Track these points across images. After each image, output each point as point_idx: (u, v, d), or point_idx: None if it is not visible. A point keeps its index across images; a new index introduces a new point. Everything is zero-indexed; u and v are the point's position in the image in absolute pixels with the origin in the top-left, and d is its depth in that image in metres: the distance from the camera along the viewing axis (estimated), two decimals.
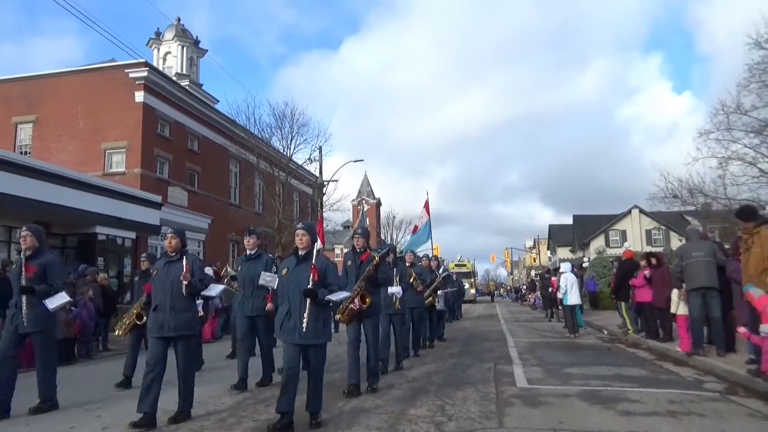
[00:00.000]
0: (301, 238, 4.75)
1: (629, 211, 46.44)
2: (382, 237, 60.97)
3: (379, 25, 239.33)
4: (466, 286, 34.41)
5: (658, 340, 9.82)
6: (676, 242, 35.47)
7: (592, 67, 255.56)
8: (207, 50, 38.56)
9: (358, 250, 6.39)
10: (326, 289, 4.62)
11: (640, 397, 5.62)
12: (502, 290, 72.41)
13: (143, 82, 23.83)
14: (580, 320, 15.08)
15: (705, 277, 7.82)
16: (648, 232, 45.84)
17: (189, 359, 5.00)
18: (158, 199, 22.57)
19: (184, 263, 4.97)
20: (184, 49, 36.82)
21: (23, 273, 5.41)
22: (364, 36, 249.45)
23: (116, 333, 6.64)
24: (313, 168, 29.13)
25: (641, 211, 44.21)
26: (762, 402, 5.26)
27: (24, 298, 5.35)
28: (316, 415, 4.59)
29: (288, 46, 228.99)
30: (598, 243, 43.43)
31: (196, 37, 37.91)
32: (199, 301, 7.97)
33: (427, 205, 15.51)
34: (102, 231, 19.82)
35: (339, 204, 32.32)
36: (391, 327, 7.63)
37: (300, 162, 29.83)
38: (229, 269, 9.38)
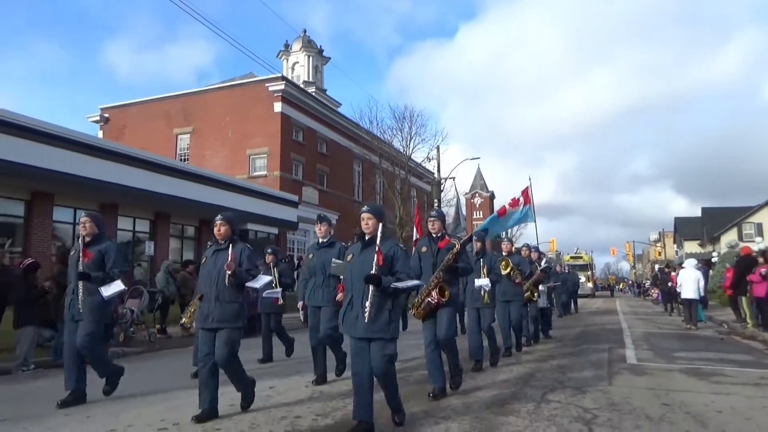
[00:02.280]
0: (366, 222, 4.28)
1: (766, 203, 43.13)
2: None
3: (497, 7, 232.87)
4: (582, 279, 33.17)
5: None
6: None
7: (733, 41, 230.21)
8: (330, 58, 41.64)
9: (434, 236, 5.65)
10: (393, 277, 4.11)
11: (736, 374, 6.58)
12: (622, 285, 69.64)
13: (281, 94, 26.88)
14: (701, 315, 15.36)
15: None
16: None
17: (227, 352, 4.59)
18: (295, 198, 25.40)
19: (230, 252, 4.73)
20: (310, 58, 40.07)
21: (81, 259, 5.32)
22: (480, 21, 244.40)
23: (182, 321, 6.48)
24: (431, 166, 30.73)
25: None
26: None
27: (81, 284, 5.26)
28: (397, 408, 4.20)
29: (403, 36, 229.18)
30: (729, 237, 40.89)
31: (320, 47, 41.04)
32: (278, 289, 7.92)
33: (526, 192, 14.34)
34: (252, 227, 22.88)
35: (454, 200, 33.82)
36: (479, 322, 7.06)
37: (419, 160, 31.60)
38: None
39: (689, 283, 13.68)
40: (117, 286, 5.38)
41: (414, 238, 8.78)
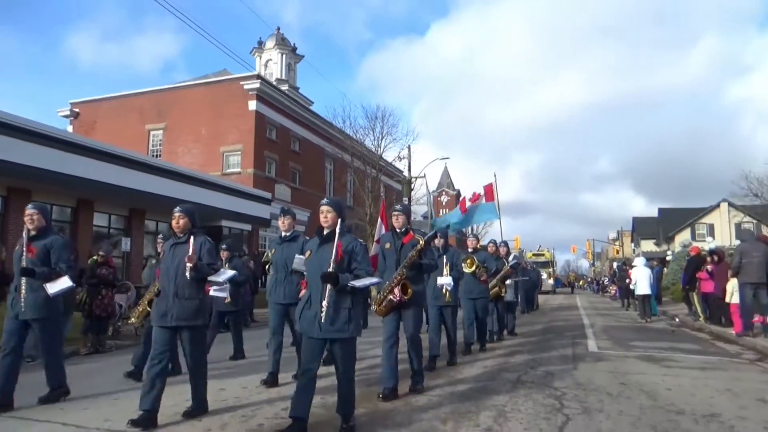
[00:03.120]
0: (325, 216, 4.10)
1: (718, 205, 45.47)
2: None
3: (469, 5, 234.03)
4: (544, 276, 33.60)
5: (720, 325, 11.31)
6: None
7: (699, 46, 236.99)
8: (303, 56, 41.84)
9: (398, 231, 5.48)
10: (351, 274, 3.98)
11: (684, 359, 7.46)
12: (582, 282, 71.88)
13: (255, 92, 27.11)
14: (655, 309, 16.51)
15: (758, 275, 9.37)
16: (737, 226, 44.66)
17: (198, 351, 4.46)
18: (268, 195, 25.78)
19: (190, 245, 4.44)
20: (284, 56, 40.20)
21: (24, 254, 4.99)
22: (452, 19, 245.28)
23: (130, 320, 6.17)
24: (402, 165, 31.43)
25: (730, 204, 43.22)
26: None
27: (24, 280, 4.92)
28: (347, 419, 4.00)
29: (375, 32, 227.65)
30: (683, 236, 42.96)
31: (294, 45, 41.21)
32: (226, 285, 7.07)
33: (490, 187, 13.97)
34: (226, 224, 23.15)
35: (423, 198, 34.65)
36: (442, 320, 6.90)
37: (390, 159, 32.26)
38: (270, 254, 8.60)
39: (642, 279, 14.76)
40: (64, 283, 5.00)
41: (376, 237, 8.43)
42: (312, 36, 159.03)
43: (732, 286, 9.89)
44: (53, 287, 4.93)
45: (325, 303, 3.85)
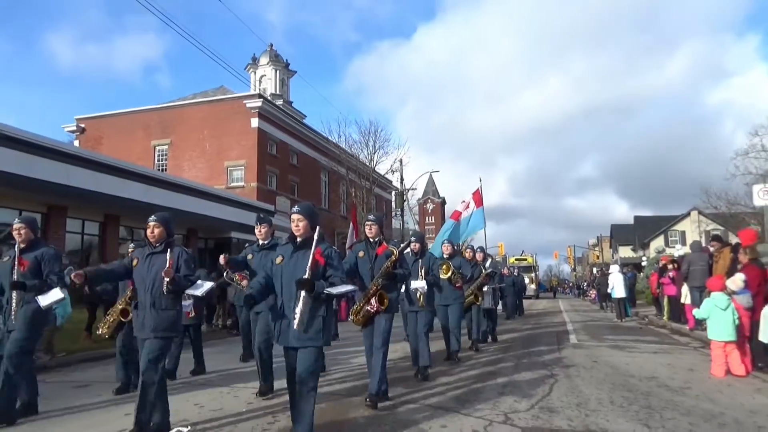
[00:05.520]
0: (297, 224, 4.02)
1: (688, 213, 48.12)
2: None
3: (455, 10, 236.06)
4: (527, 281, 33.06)
5: (679, 323, 13.35)
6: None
7: (681, 50, 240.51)
8: (296, 71, 43.78)
9: (371, 240, 5.56)
10: (326, 282, 3.91)
11: (643, 347, 9.45)
12: (565, 286, 74.40)
13: (257, 110, 28.90)
14: (629, 311, 18.58)
15: (701, 280, 11.39)
16: (707, 233, 47.30)
17: (152, 364, 4.22)
18: (271, 207, 27.46)
19: (168, 256, 4.37)
20: (277, 71, 42.11)
21: (16, 267, 4.96)
22: (438, 22, 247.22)
23: (99, 331, 5.94)
24: (394, 178, 33.35)
25: (700, 212, 45.83)
26: None
27: (14, 294, 4.90)
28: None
29: (361, 34, 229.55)
30: (657, 243, 45.50)
31: (287, 61, 43.10)
32: (188, 301, 6.76)
33: (477, 193, 13.84)
34: (235, 235, 24.80)
35: (415, 209, 36.68)
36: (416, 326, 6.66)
37: (382, 172, 34.19)
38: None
39: (618, 284, 16.83)
40: (55, 295, 4.97)
41: (348, 244, 8.48)
42: (297, 36, 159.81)
43: (685, 289, 11.91)
44: (45, 299, 4.93)
45: (298, 310, 3.72)
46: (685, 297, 11.94)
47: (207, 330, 12.41)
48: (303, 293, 3.73)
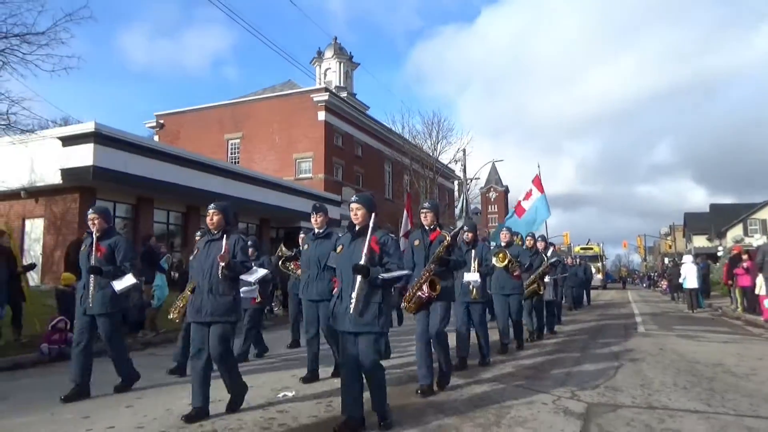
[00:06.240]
0: (355, 213, 4.18)
1: None
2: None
3: None
4: (593, 271, 30.54)
5: (754, 314, 13.06)
6: None
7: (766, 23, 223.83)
8: (359, 63, 44.48)
9: (426, 228, 5.54)
10: (382, 268, 4.01)
11: (713, 337, 9.45)
12: (634, 276, 72.02)
13: (324, 104, 29.80)
14: (701, 302, 18.15)
15: None
16: None
17: (221, 347, 4.40)
18: (338, 198, 28.36)
19: (223, 243, 4.49)
20: (341, 64, 42.97)
21: (93, 253, 5.32)
22: (502, 4, 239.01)
23: (170, 315, 6.02)
24: (457, 168, 33.54)
25: None
26: None
27: (92, 278, 5.24)
28: (383, 416, 3.99)
29: (424, 19, 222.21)
30: (736, 232, 43.38)
31: (350, 53, 43.86)
32: (254, 286, 6.57)
33: (537, 179, 13.65)
34: (304, 224, 25.82)
35: (477, 198, 36.75)
36: (469, 318, 6.59)
37: (446, 161, 34.44)
38: (283, 249, 8.28)
39: (691, 274, 16.52)
40: (129, 280, 5.36)
41: (402, 231, 8.55)
42: (360, 25, 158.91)
43: (760, 280, 11.67)
44: (120, 284, 5.29)
45: (354, 295, 3.88)
46: (760, 288, 11.69)
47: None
48: (359, 278, 3.88)
